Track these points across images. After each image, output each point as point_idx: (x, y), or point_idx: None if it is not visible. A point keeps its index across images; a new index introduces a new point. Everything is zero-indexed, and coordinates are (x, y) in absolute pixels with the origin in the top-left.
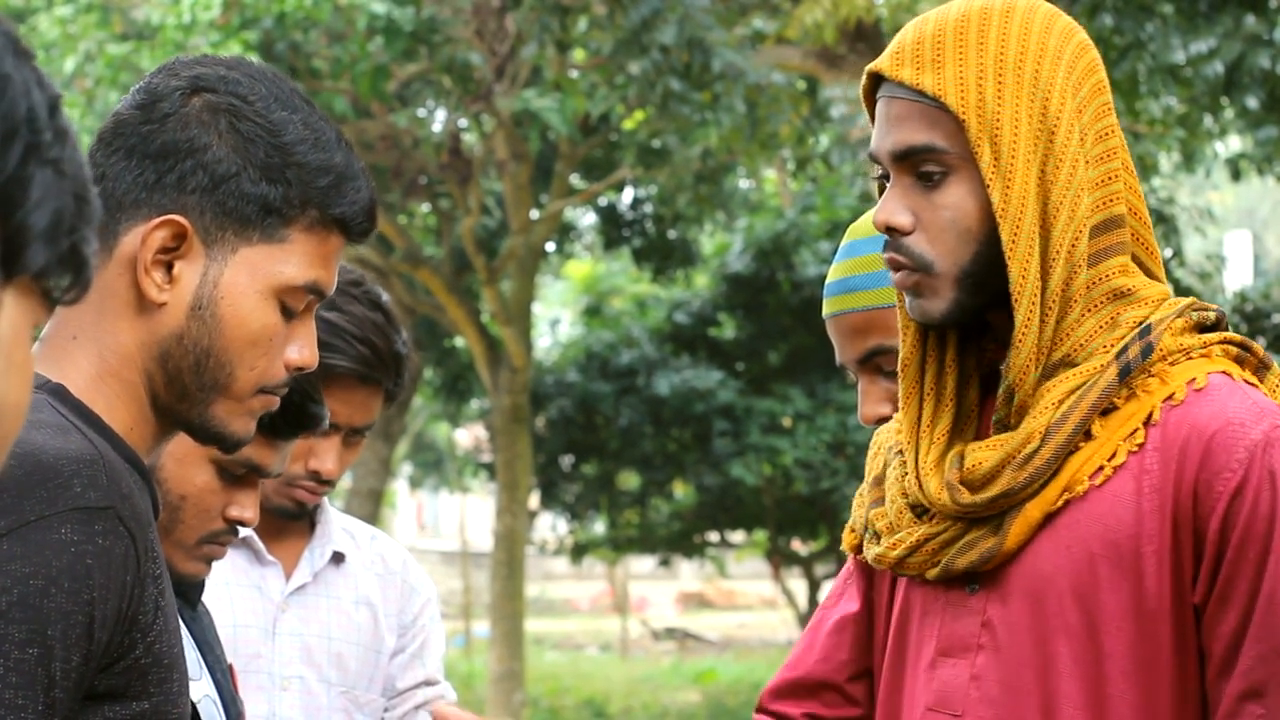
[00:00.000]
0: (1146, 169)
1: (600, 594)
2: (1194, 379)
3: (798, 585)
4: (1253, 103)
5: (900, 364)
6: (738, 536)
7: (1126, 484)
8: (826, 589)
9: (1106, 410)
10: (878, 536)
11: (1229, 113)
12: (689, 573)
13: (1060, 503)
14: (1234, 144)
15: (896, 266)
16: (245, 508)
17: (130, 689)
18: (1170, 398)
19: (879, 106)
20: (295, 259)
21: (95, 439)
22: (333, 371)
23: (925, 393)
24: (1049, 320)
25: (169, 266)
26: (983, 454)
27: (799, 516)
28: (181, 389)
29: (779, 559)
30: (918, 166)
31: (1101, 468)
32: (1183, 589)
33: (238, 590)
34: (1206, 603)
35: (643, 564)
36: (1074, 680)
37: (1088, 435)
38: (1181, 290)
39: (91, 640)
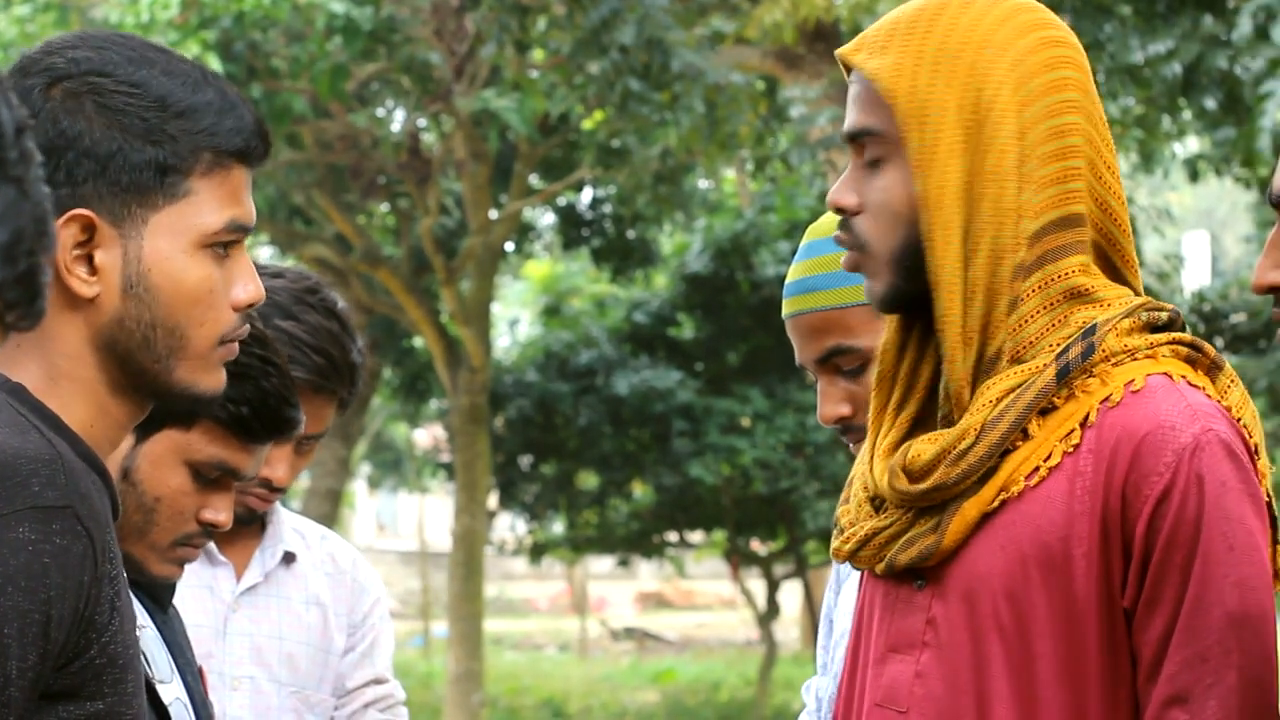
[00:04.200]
0: None
1: (559, 594)
2: (1132, 380)
3: (756, 585)
4: (1211, 103)
5: (880, 349)
6: (696, 536)
7: (1060, 485)
8: (785, 589)
9: (1046, 410)
10: (841, 529)
11: (1187, 113)
12: (648, 573)
13: (997, 503)
14: (1192, 145)
15: (840, 244)
16: (219, 510)
17: (85, 689)
18: (1108, 399)
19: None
20: (206, 206)
21: (54, 438)
22: None
23: (898, 378)
24: (973, 308)
25: (89, 259)
26: (922, 446)
27: (758, 516)
28: (138, 367)
29: (738, 559)
30: (864, 149)
31: (1037, 468)
32: (1112, 592)
33: (189, 590)
34: (1135, 607)
35: (601, 564)
36: (1006, 681)
37: (1025, 435)
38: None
39: (48, 639)
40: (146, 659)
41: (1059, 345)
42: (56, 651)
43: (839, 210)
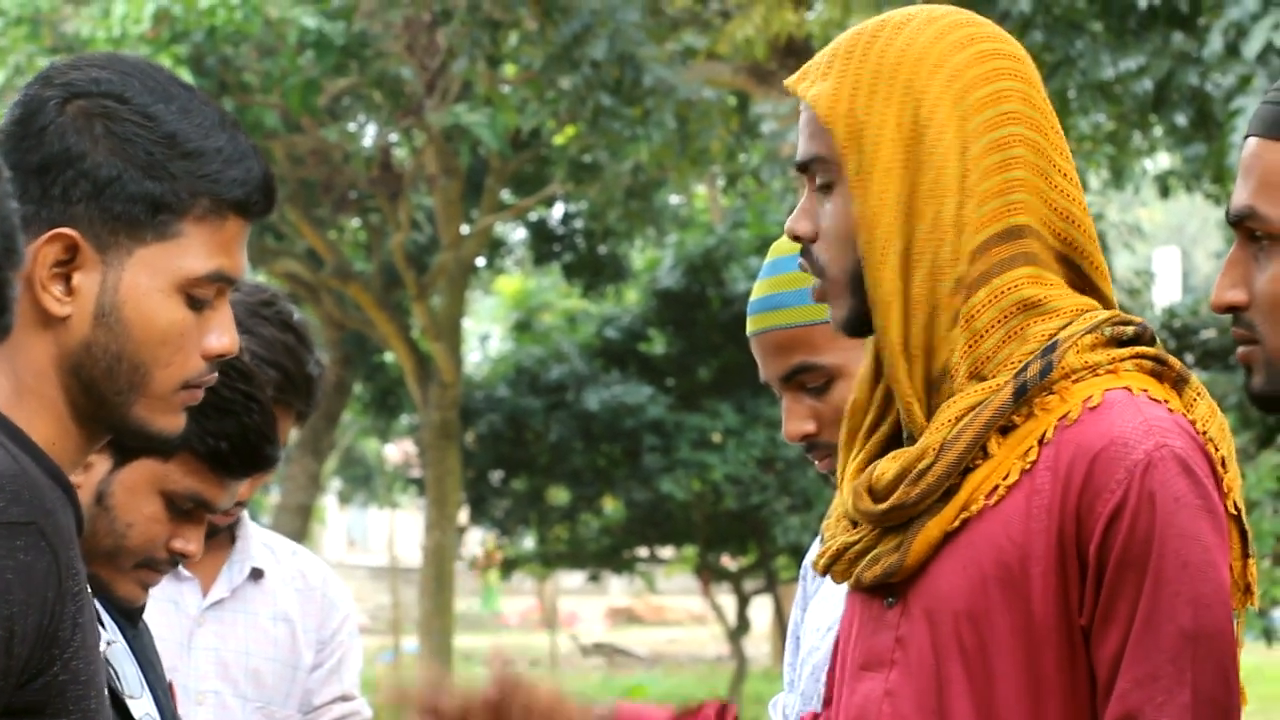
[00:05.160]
0: None
1: (529, 609)
2: (1090, 396)
3: (727, 600)
4: (1181, 120)
5: (858, 379)
6: (667, 552)
7: (1018, 504)
8: (756, 604)
9: (1006, 428)
10: (821, 541)
11: (1158, 130)
12: (618, 588)
13: (958, 522)
14: (1163, 161)
15: (806, 272)
16: (189, 541)
17: (49, 706)
18: (1065, 416)
19: None
20: (194, 251)
21: (18, 454)
22: None
23: (871, 405)
24: (914, 325)
25: (68, 279)
26: (886, 465)
27: (728, 532)
28: (99, 396)
29: (708, 574)
30: (815, 176)
31: (997, 487)
32: (1070, 611)
33: (154, 605)
34: (1092, 625)
35: (572, 579)
36: (967, 700)
37: (985, 454)
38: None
39: (10, 656)
40: (116, 674)
41: (1019, 363)
42: (19, 668)
43: (796, 239)
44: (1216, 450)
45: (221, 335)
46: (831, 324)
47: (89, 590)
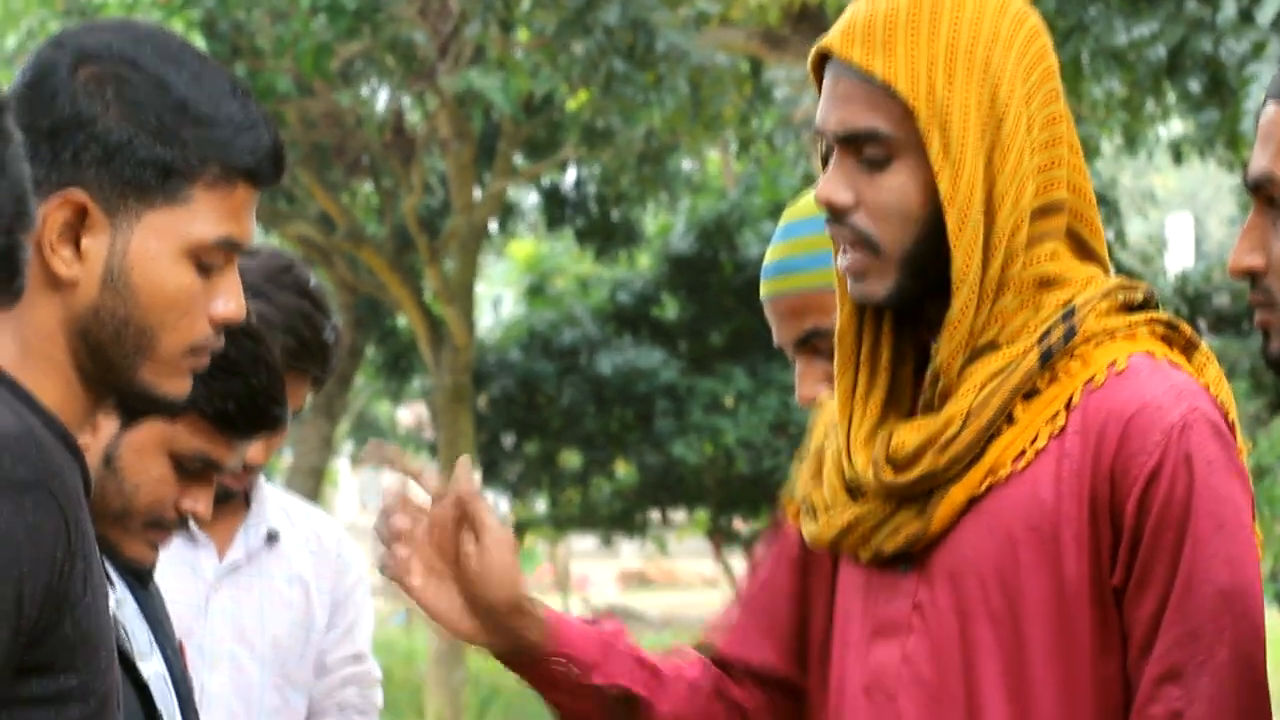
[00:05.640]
0: (1089, 152)
1: (541, 572)
2: (1114, 361)
3: (738, 564)
4: (1195, 87)
5: (836, 334)
6: (679, 515)
7: (1047, 467)
8: None
9: (1030, 394)
10: (814, 513)
11: (1171, 96)
12: (630, 551)
13: (984, 486)
14: (1176, 127)
15: (840, 242)
16: (198, 501)
17: (58, 663)
18: (1091, 380)
19: (826, 80)
20: (202, 217)
21: (25, 414)
22: None
23: (860, 363)
24: (984, 307)
25: (76, 242)
26: (906, 435)
27: (740, 496)
28: (106, 360)
29: (720, 538)
30: (862, 149)
31: (1024, 451)
32: (1101, 573)
33: (170, 568)
34: (1126, 586)
35: (584, 542)
36: (996, 663)
37: (1010, 419)
38: (1123, 273)
39: (20, 614)
40: (127, 634)
41: (1037, 329)
42: (29, 627)
43: (832, 208)
44: (1228, 415)
45: (229, 301)
46: (858, 296)
47: (98, 550)
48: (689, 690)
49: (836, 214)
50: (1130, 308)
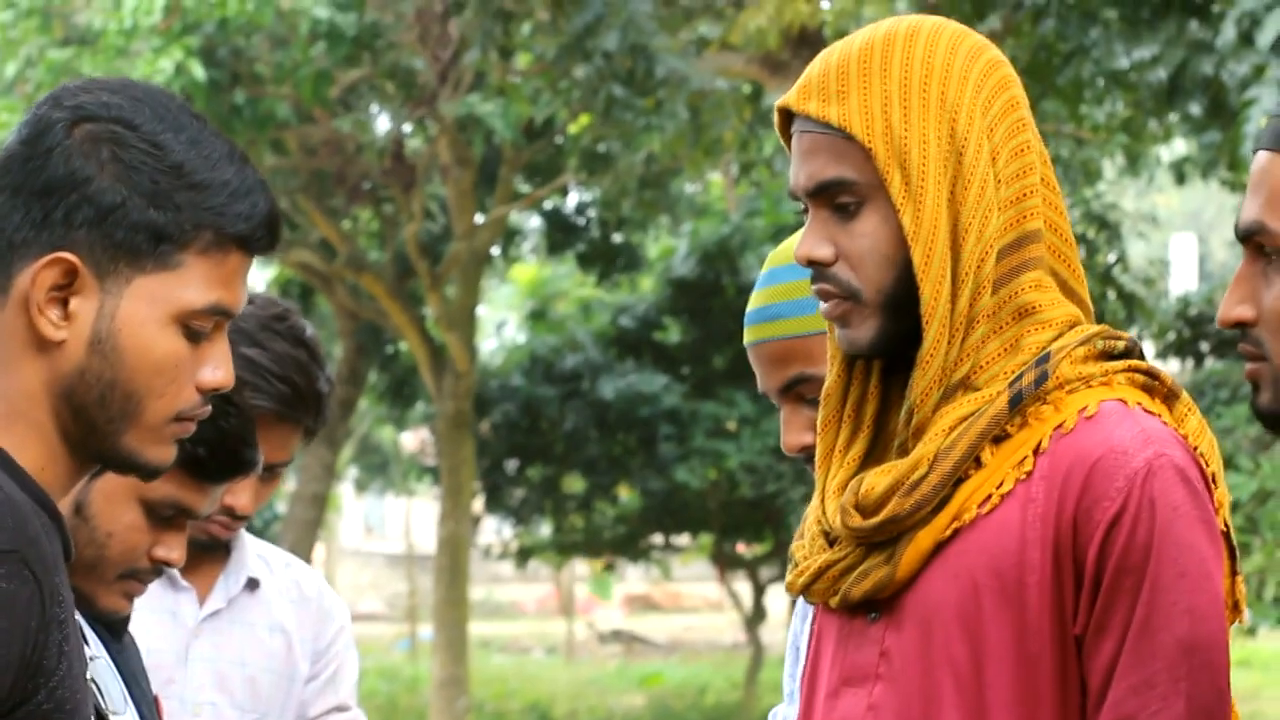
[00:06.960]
0: (1090, 174)
1: (546, 596)
2: (1086, 406)
3: (743, 588)
4: (1196, 109)
5: (824, 393)
6: (683, 540)
7: (1013, 513)
8: (771, 592)
9: (1000, 438)
10: (795, 565)
11: (1173, 117)
12: (634, 576)
13: (950, 531)
14: (1179, 148)
15: (825, 296)
16: (171, 548)
17: None
18: (1061, 425)
19: (793, 141)
20: (194, 283)
21: (3, 480)
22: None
23: (844, 419)
24: (955, 341)
25: (65, 303)
26: (876, 479)
27: (744, 520)
28: (90, 423)
29: (724, 562)
30: (833, 199)
31: (990, 496)
32: (1064, 620)
33: (151, 616)
34: (1086, 633)
35: (589, 566)
36: (957, 712)
37: (978, 463)
38: (1124, 298)
39: None
40: (100, 690)
41: (1012, 373)
42: (4, 698)
43: (813, 264)
44: (1207, 465)
45: (217, 368)
46: (847, 346)
47: (75, 614)
48: None
49: (818, 269)
50: (1110, 356)
